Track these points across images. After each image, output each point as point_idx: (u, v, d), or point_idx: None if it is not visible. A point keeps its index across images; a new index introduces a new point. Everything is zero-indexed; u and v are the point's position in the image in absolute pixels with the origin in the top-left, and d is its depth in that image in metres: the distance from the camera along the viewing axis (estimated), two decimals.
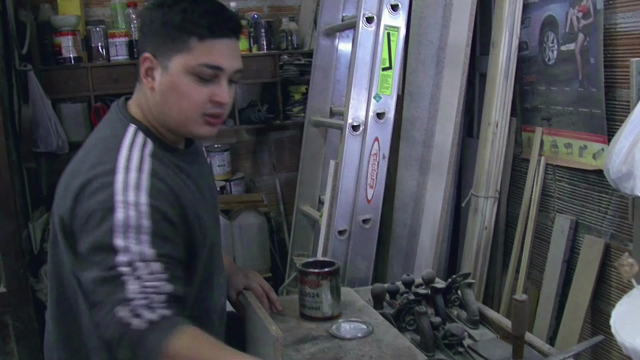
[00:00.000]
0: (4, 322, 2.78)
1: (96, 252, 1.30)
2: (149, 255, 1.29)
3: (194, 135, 1.52)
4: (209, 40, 1.41)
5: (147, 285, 1.26)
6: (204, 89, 1.43)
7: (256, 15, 3.93)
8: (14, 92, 3.02)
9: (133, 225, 1.30)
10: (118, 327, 1.24)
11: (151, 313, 1.24)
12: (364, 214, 2.57)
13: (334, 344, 1.86)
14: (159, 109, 1.46)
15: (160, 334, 1.23)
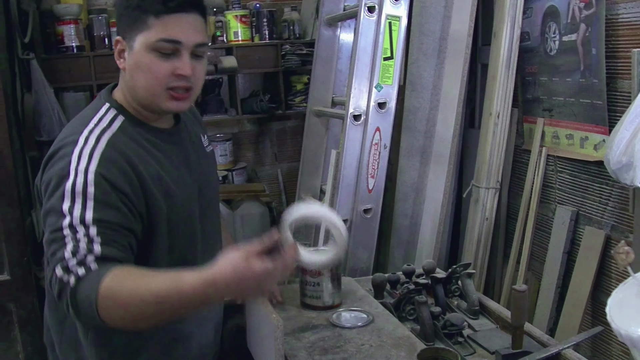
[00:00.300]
0: (7, 310, 2.79)
1: (48, 215, 1.39)
2: (88, 219, 1.35)
3: (163, 110, 1.55)
4: (164, 16, 1.46)
5: (80, 246, 1.33)
6: (165, 64, 1.47)
7: (258, 5, 3.93)
8: (17, 81, 3.03)
9: (79, 192, 1.37)
10: (57, 285, 1.33)
11: (80, 269, 1.31)
12: (365, 203, 2.58)
13: (334, 333, 1.87)
14: (130, 86, 1.53)
15: (89, 283, 1.29)
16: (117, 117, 1.53)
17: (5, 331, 2.82)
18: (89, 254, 1.33)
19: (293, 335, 1.86)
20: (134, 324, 1.35)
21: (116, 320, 1.31)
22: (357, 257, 2.61)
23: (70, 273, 1.31)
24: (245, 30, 3.82)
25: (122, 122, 1.52)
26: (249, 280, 1.26)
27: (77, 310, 1.31)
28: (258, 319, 1.80)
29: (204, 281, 1.26)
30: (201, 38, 1.51)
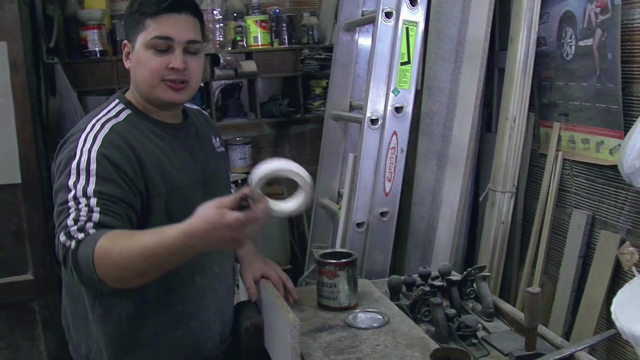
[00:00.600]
0: (31, 309, 2.85)
1: (58, 192, 1.57)
2: (89, 191, 1.52)
3: (162, 101, 1.71)
4: (158, 16, 1.65)
5: (81, 215, 1.49)
6: (160, 59, 1.66)
7: (278, 10, 3.98)
8: (42, 85, 3.10)
9: (83, 168, 1.55)
10: (61, 250, 1.50)
11: (80, 234, 1.47)
12: (382, 206, 2.61)
13: (350, 333, 1.90)
14: (135, 83, 1.73)
15: (87, 246, 1.45)
16: (124, 110, 1.72)
17: (29, 330, 2.88)
18: (88, 221, 1.49)
19: (309, 335, 1.89)
20: (128, 280, 1.49)
21: (111, 276, 1.46)
22: (373, 259, 2.63)
23: (72, 238, 1.47)
24: (264, 35, 3.87)
25: (129, 114, 1.72)
26: (222, 230, 1.39)
27: (79, 272, 1.47)
28: (275, 319, 1.83)
29: (184, 232, 1.41)
30: (192, 35, 1.69)
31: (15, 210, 2.78)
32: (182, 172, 1.73)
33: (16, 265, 2.81)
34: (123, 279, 1.48)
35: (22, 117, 2.74)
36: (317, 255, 2.15)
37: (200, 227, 1.40)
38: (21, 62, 2.72)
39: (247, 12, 3.94)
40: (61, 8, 3.57)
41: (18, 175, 2.75)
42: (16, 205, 2.78)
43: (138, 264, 1.44)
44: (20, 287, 2.82)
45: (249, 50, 3.86)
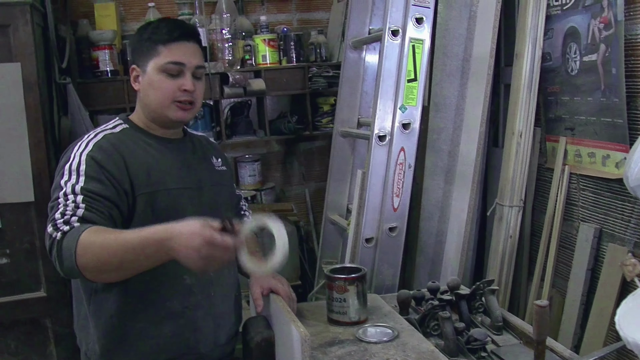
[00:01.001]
0: (43, 326, 2.88)
1: (53, 192, 1.73)
2: (77, 189, 1.68)
3: (171, 119, 1.88)
4: (170, 44, 1.83)
5: (68, 209, 1.65)
6: (172, 82, 1.84)
7: (286, 29, 4.02)
8: (54, 105, 3.14)
9: (74, 169, 1.72)
10: (48, 241, 1.63)
11: (65, 226, 1.61)
12: (391, 222, 2.63)
13: (360, 348, 1.92)
14: (144, 104, 1.89)
15: (71, 237, 1.58)
16: (121, 124, 1.91)
17: (42, 347, 2.90)
18: (73, 215, 1.64)
19: (320, 349, 1.91)
20: (106, 272, 1.62)
21: (90, 267, 1.58)
22: (382, 274, 2.65)
23: (58, 230, 1.61)
24: (273, 54, 3.92)
25: (125, 128, 1.90)
26: (200, 244, 1.47)
27: (61, 261, 1.59)
28: (286, 334, 1.85)
29: (165, 229, 1.52)
30: (199, 61, 1.89)
31: (29, 228, 2.81)
32: (172, 177, 1.87)
33: (29, 283, 2.84)
34: (101, 271, 1.61)
35: (36, 137, 2.78)
36: (326, 271, 2.17)
37: (179, 229, 1.51)
38: (34, 82, 2.77)
39: (255, 31, 3.99)
40: (73, 29, 3.62)
41: (31, 194, 2.79)
42: (29, 223, 2.81)
43: (115, 257, 1.57)
44: (33, 304, 2.84)
45: (258, 68, 3.90)
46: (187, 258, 1.51)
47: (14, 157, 2.76)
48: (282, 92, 4.02)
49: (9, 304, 2.81)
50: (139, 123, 1.92)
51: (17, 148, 2.76)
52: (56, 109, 3.18)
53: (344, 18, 3.71)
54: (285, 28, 4.03)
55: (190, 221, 1.52)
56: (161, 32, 1.84)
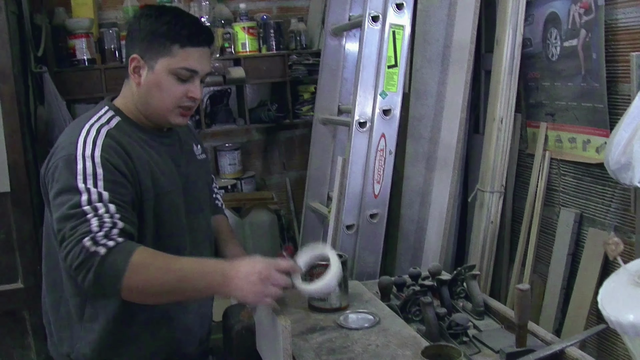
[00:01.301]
0: (21, 317, 2.85)
1: (62, 194, 1.58)
2: (105, 197, 1.57)
3: (171, 124, 1.79)
4: (188, 48, 1.70)
5: (105, 221, 1.53)
6: (181, 87, 1.72)
7: (265, 16, 3.99)
8: (30, 94, 3.10)
9: (90, 173, 1.58)
10: (84, 255, 1.50)
11: (110, 241, 1.51)
12: (372, 208, 2.62)
13: (341, 334, 1.91)
14: (143, 100, 1.75)
15: (119, 255, 1.50)
16: (114, 117, 1.75)
17: (20, 338, 2.88)
18: (113, 228, 1.53)
19: (301, 336, 1.90)
20: (150, 297, 1.58)
21: (138, 289, 1.53)
22: (364, 261, 2.64)
23: (99, 245, 1.50)
24: (252, 42, 3.89)
25: (119, 121, 1.75)
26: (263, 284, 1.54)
27: (98, 277, 1.49)
28: (266, 321, 1.83)
29: (227, 267, 1.55)
30: (210, 68, 1.81)
31: (5, 219, 2.78)
32: (168, 179, 1.78)
33: (6, 274, 2.81)
34: (147, 295, 1.57)
35: (11, 126, 2.74)
36: None
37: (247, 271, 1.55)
38: (9, 71, 2.73)
39: (234, 18, 3.96)
40: (49, 17, 3.57)
41: (7, 184, 2.75)
42: (5, 214, 2.78)
43: (168, 284, 1.55)
44: (11, 295, 2.81)
45: (237, 56, 3.87)
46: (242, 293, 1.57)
47: None
48: (262, 80, 3.99)
49: None
50: (130, 114, 1.78)
51: None
52: (32, 99, 3.14)
53: (324, 5, 3.69)
54: (264, 16, 4.00)
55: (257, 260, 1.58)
56: (180, 33, 1.69)
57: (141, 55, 1.71)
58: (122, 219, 1.56)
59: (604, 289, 1.22)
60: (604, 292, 1.21)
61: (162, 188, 1.74)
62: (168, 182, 1.77)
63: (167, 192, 1.76)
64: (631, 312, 1.16)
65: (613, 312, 1.14)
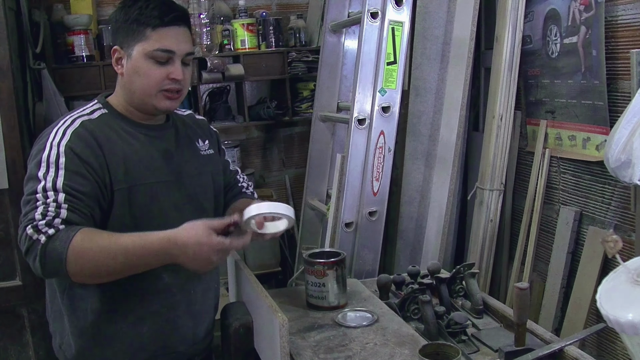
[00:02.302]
0: (19, 315, 2.83)
1: (27, 181, 1.62)
2: (58, 186, 1.58)
3: (157, 109, 1.76)
4: (160, 28, 1.69)
5: (49, 210, 1.54)
6: (160, 69, 1.70)
7: (264, 13, 3.97)
8: (29, 90, 3.08)
9: (53, 162, 1.60)
10: (27, 242, 1.53)
11: (50, 229, 1.52)
12: (370, 206, 2.61)
13: (339, 332, 1.90)
14: (127, 89, 1.75)
15: (59, 241, 1.51)
16: (99, 110, 1.76)
17: (18, 336, 2.86)
18: (56, 217, 1.54)
19: (299, 334, 1.89)
20: (99, 277, 1.59)
21: (83, 272, 1.54)
22: (362, 259, 2.63)
23: (40, 232, 1.51)
24: (252, 39, 3.87)
25: (103, 113, 1.75)
26: (203, 248, 1.50)
27: (43, 264, 1.51)
28: (264, 319, 1.83)
29: (168, 238, 1.52)
30: (189, 48, 1.76)
31: (3, 216, 2.77)
32: (150, 171, 1.76)
33: (4, 272, 2.79)
34: (95, 275, 1.58)
35: (9, 123, 2.72)
36: (305, 255, 2.15)
37: (184, 238, 1.51)
38: (7, 67, 2.71)
39: (233, 15, 3.94)
40: (47, 14, 3.55)
41: (5, 181, 2.74)
42: (3, 211, 2.77)
43: (114, 263, 1.54)
44: (8, 293, 2.80)
45: (236, 53, 3.85)
46: (193, 266, 1.55)
47: None
48: (261, 78, 3.97)
49: None
50: (119, 107, 1.77)
51: None
52: (30, 95, 3.12)
53: (323, 2, 3.67)
54: (264, 12, 3.98)
55: (193, 227, 1.52)
56: (150, 15, 1.68)
57: (120, 45, 1.72)
58: (69, 209, 1.56)
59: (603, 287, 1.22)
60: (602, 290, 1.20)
61: (138, 179, 1.72)
62: (149, 174, 1.75)
63: (145, 183, 1.73)
64: (630, 311, 1.15)
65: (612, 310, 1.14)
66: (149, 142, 1.78)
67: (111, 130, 1.72)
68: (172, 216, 1.75)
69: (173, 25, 1.70)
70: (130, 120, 1.78)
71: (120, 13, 1.74)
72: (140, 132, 1.78)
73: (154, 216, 1.75)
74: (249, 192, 2.12)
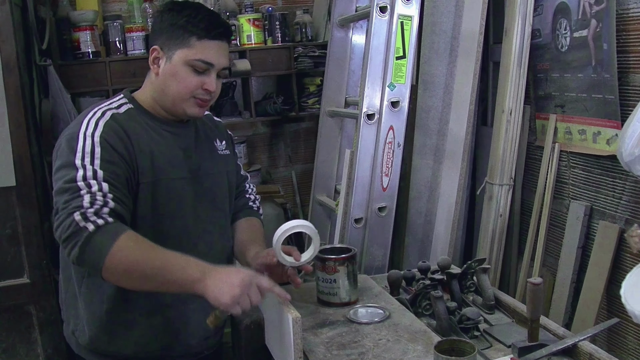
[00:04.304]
0: (27, 312, 2.83)
1: (61, 169, 1.65)
2: (100, 175, 1.62)
3: (187, 113, 1.81)
4: (205, 40, 1.75)
5: (97, 199, 1.59)
6: (196, 78, 1.76)
7: (270, 8, 3.96)
8: (35, 87, 3.08)
9: (88, 151, 1.65)
10: (73, 228, 1.55)
11: (99, 219, 1.56)
12: (380, 202, 2.60)
13: (351, 328, 1.89)
14: (160, 89, 1.80)
15: (107, 234, 1.55)
16: (125, 104, 1.82)
17: (26, 334, 2.86)
18: (104, 206, 1.58)
19: (310, 331, 1.88)
20: (128, 280, 1.61)
21: (117, 270, 1.57)
22: (372, 254, 2.63)
23: (88, 221, 1.55)
24: (258, 34, 3.86)
25: (129, 108, 1.81)
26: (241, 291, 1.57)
27: (83, 251, 1.55)
28: (276, 316, 1.82)
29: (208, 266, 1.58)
30: (226, 63, 1.82)
31: (10, 213, 2.76)
32: (172, 166, 1.81)
33: (12, 269, 2.79)
34: (126, 277, 1.60)
35: (16, 120, 2.72)
36: None
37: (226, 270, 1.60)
38: (14, 64, 2.70)
39: (239, 10, 3.93)
40: (53, 10, 3.55)
41: (12, 178, 2.73)
42: (11, 209, 2.76)
43: (148, 270, 1.58)
44: (17, 290, 2.80)
45: (243, 49, 3.84)
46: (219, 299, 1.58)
47: None
48: (267, 73, 3.97)
49: None
50: (145, 104, 1.84)
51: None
52: (37, 92, 3.12)
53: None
54: (270, 7, 3.97)
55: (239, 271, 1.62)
56: (197, 25, 1.74)
57: (161, 46, 1.78)
58: (114, 199, 1.61)
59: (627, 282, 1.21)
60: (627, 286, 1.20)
61: (162, 173, 1.77)
62: (171, 169, 1.80)
63: (167, 178, 1.79)
64: None
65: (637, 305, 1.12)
66: (171, 139, 1.84)
67: (137, 125, 1.78)
68: (188, 212, 1.82)
69: (217, 39, 1.77)
70: (154, 117, 1.83)
71: (166, 15, 1.79)
72: (163, 128, 1.83)
73: (172, 211, 1.79)
74: (255, 206, 2.18)
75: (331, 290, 2.06)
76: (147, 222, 1.75)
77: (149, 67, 1.84)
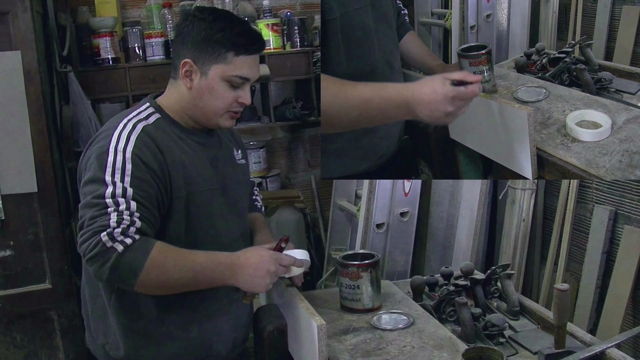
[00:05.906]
0: (49, 318, 2.84)
1: (90, 183, 1.63)
2: (129, 193, 1.60)
3: (221, 127, 1.83)
4: (242, 56, 1.72)
5: (124, 218, 1.57)
6: (232, 93, 1.75)
7: (289, 13, 3.96)
8: (55, 93, 3.09)
9: (119, 168, 1.62)
10: (99, 248, 1.54)
11: (126, 238, 1.56)
12: (402, 207, 2.59)
13: (375, 335, 1.88)
14: (193, 103, 1.77)
15: (136, 253, 1.56)
16: (153, 114, 1.78)
17: (48, 339, 2.87)
18: (131, 226, 1.57)
19: (335, 337, 1.87)
20: (165, 290, 1.64)
21: (152, 285, 1.60)
22: (394, 260, 2.61)
23: (116, 241, 1.54)
24: (276, 39, 3.86)
25: (158, 118, 1.77)
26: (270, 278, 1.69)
27: (114, 271, 1.54)
28: (300, 322, 1.81)
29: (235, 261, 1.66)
30: (259, 74, 1.82)
31: (32, 219, 2.77)
32: (203, 178, 1.79)
33: (34, 275, 2.80)
34: (162, 288, 1.63)
35: (37, 126, 2.73)
36: (339, 257, 2.13)
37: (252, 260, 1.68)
38: (35, 71, 2.72)
39: (258, 15, 3.93)
40: (73, 16, 3.57)
41: (34, 184, 2.74)
42: (33, 215, 2.77)
43: (185, 277, 1.62)
44: (39, 296, 2.80)
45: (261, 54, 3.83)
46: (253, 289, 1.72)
47: (16, 147, 2.70)
48: (286, 78, 3.96)
49: (13, 297, 2.76)
50: (172, 113, 1.79)
51: (19, 138, 2.70)
52: (57, 98, 3.12)
53: None
54: (288, 12, 3.97)
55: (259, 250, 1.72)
56: (235, 41, 1.70)
57: (194, 60, 1.73)
58: (140, 218, 1.60)
59: None
60: None
61: (195, 186, 1.75)
62: (203, 182, 1.78)
63: (200, 191, 1.77)
64: None
65: None
66: (199, 149, 1.81)
67: (168, 137, 1.75)
68: (218, 223, 1.81)
69: (254, 54, 1.76)
70: (182, 127, 1.80)
71: (198, 27, 1.73)
72: (191, 138, 1.81)
73: (204, 223, 1.78)
74: (258, 205, 2.20)
75: (354, 296, 2.05)
76: (181, 236, 1.73)
77: (169, 73, 1.81)
